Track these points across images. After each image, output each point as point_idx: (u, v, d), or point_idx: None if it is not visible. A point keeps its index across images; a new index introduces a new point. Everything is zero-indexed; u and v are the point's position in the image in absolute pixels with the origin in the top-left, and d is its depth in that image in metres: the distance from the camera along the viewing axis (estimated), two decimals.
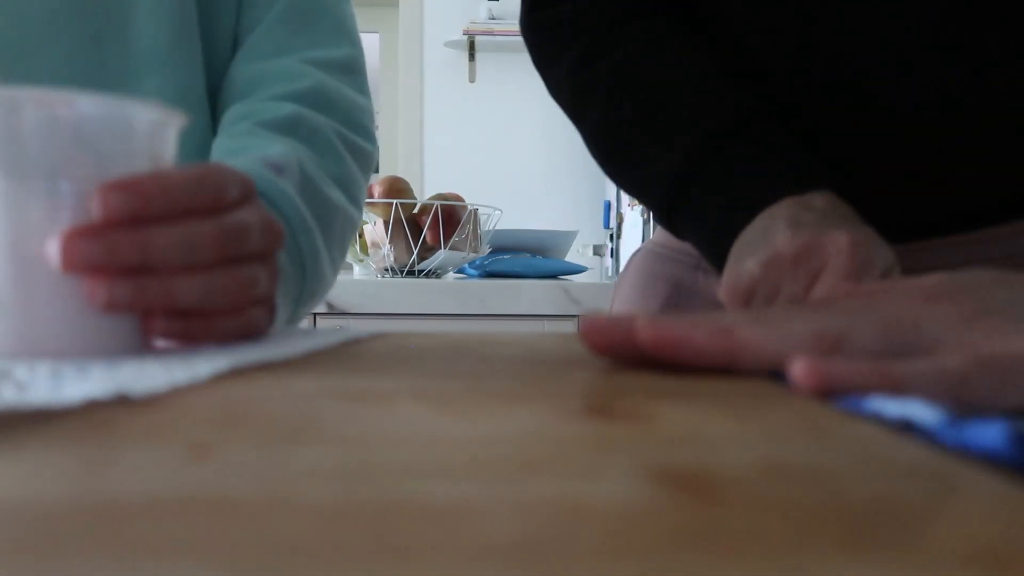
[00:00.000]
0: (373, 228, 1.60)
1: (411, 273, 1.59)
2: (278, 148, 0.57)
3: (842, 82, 0.53)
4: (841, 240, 0.40)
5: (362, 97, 0.70)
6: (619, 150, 0.57)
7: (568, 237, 1.89)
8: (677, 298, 0.64)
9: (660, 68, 0.55)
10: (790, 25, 0.54)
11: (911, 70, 0.52)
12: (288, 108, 0.61)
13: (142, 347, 0.32)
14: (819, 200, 0.45)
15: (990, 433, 0.18)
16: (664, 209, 0.54)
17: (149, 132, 0.31)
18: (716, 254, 0.50)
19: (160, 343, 0.33)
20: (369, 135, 0.70)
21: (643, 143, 0.55)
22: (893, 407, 0.22)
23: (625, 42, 0.57)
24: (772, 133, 0.50)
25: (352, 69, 0.70)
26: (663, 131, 0.53)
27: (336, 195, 0.61)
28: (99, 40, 0.61)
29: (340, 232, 0.62)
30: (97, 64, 0.60)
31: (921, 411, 0.21)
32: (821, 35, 0.53)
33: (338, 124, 0.65)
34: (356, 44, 0.72)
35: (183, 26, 0.62)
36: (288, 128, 0.60)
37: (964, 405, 0.24)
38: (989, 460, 0.18)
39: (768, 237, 0.43)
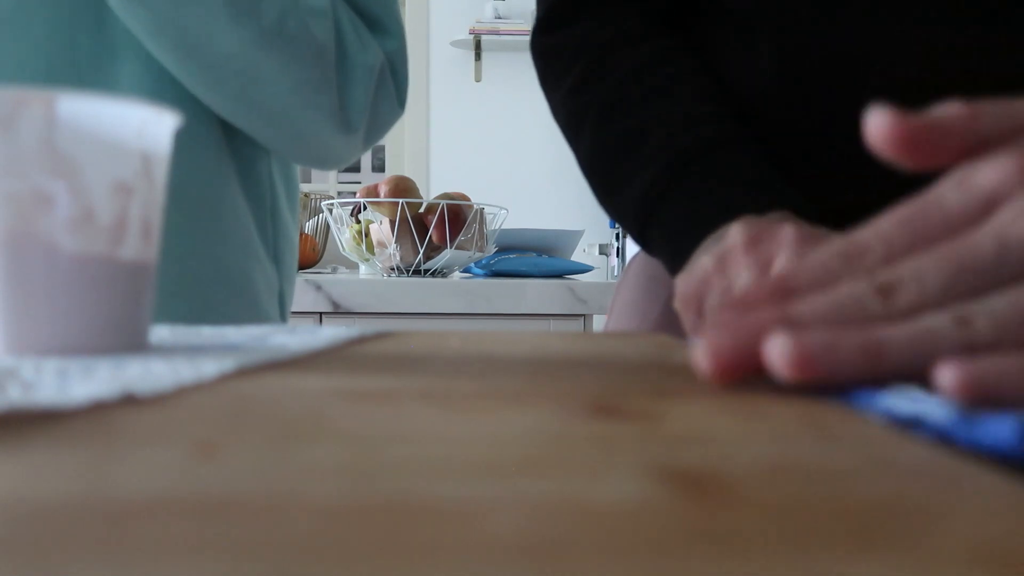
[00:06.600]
0: (379, 227, 1.60)
1: (417, 272, 1.59)
2: None
3: (833, 100, 0.54)
4: (788, 229, 0.40)
5: None
6: (604, 177, 0.59)
7: (574, 236, 1.89)
8: None
9: (643, 97, 0.57)
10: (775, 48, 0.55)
11: (908, 87, 0.52)
12: None
13: (140, 347, 0.32)
14: (776, 216, 0.45)
15: (1002, 430, 0.18)
16: (637, 230, 0.56)
17: (138, 130, 0.31)
18: (678, 271, 0.50)
19: (156, 343, 0.33)
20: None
21: (623, 169, 0.56)
22: (905, 404, 0.22)
23: (614, 70, 0.59)
24: (741, 156, 0.52)
25: None
26: (639, 157, 0.55)
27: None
28: (73, 26, 0.59)
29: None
30: (69, 51, 0.59)
31: (932, 408, 0.21)
32: (811, 62, 0.54)
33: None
34: None
35: None
36: None
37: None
38: (998, 459, 0.18)
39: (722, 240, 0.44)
